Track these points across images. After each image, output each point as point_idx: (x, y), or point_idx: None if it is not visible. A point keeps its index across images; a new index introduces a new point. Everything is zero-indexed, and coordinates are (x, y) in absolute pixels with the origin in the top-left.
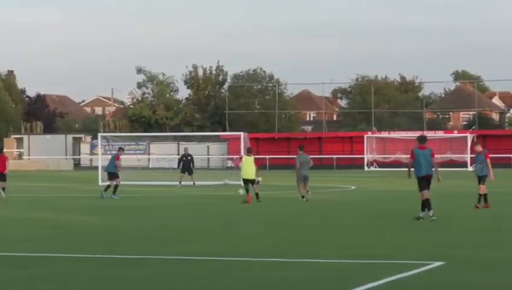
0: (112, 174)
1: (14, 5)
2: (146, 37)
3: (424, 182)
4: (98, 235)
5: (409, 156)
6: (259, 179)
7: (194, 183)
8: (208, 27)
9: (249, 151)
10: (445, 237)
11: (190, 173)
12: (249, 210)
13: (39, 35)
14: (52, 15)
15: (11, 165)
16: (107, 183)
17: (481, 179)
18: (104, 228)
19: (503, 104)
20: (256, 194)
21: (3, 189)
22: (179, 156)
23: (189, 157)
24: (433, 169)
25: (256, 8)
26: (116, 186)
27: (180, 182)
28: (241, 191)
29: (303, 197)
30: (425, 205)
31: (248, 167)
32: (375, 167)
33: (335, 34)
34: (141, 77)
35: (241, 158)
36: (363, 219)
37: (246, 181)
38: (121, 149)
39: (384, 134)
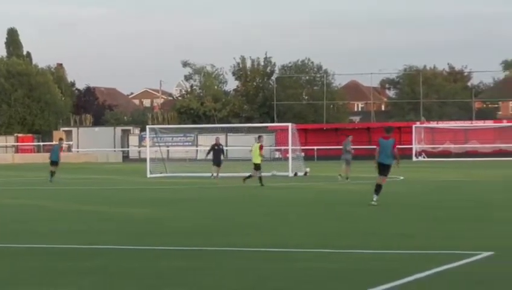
0: (54, 163)
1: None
2: (194, 28)
3: (381, 168)
4: (147, 227)
5: (458, 145)
6: (307, 169)
7: (217, 175)
8: (255, 18)
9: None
10: (495, 228)
11: (218, 164)
12: (294, 202)
13: (88, 28)
14: (101, 7)
15: (61, 157)
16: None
17: None
18: (154, 219)
19: None
20: (260, 178)
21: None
22: (210, 146)
23: (220, 147)
24: (395, 159)
25: (303, 0)
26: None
27: (212, 175)
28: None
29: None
30: (377, 189)
31: (254, 153)
32: (424, 157)
33: (383, 23)
34: (188, 70)
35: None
36: (410, 209)
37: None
38: (61, 139)
39: (433, 124)
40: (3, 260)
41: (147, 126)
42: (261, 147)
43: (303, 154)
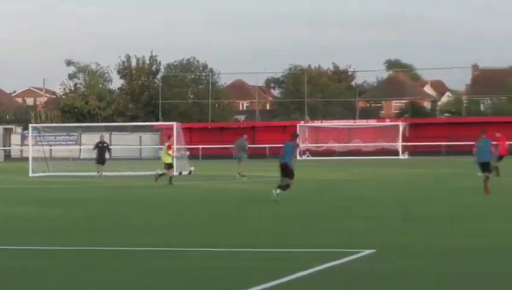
0: None
1: None
2: (78, 26)
3: (282, 169)
4: (26, 225)
5: (341, 144)
6: (192, 168)
7: (101, 174)
8: (141, 16)
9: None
10: (377, 225)
11: (103, 162)
12: (179, 201)
13: None
14: None
15: None
16: None
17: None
18: (34, 219)
19: (435, 93)
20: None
21: None
22: (94, 144)
23: (105, 145)
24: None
25: None
26: None
27: (98, 174)
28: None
29: None
30: (282, 186)
31: (163, 153)
32: (308, 156)
33: (268, 23)
34: (72, 69)
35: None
36: (296, 208)
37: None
38: None
39: (317, 123)
40: None
41: (30, 125)
42: (169, 147)
43: (188, 153)
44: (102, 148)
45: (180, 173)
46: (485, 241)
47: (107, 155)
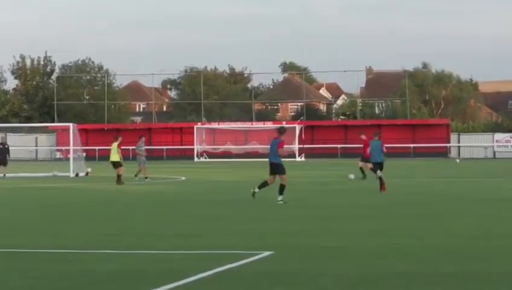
0: None
1: None
2: None
3: (271, 167)
4: None
5: (239, 146)
6: (89, 169)
7: (4, 175)
8: (35, 15)
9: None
10: (275, 226)
11: (5, 163)
12: (75, 202)
13: None
14: None
15: None
16: None
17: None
18: None
19: (330, 96)
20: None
21: None
22: None
23: (6, 146)
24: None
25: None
26: None
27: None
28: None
29: None
30: (260, 186)
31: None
32: (205, 158)
33: (165, 24)
34: None
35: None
36: (191, 209)
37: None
38: None
39: (214, 125)
40: None
41: None
42: (119, 146)
43: (84, 154)
44: (3, 149)
45: (77, 175)
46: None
47: (7, 156)
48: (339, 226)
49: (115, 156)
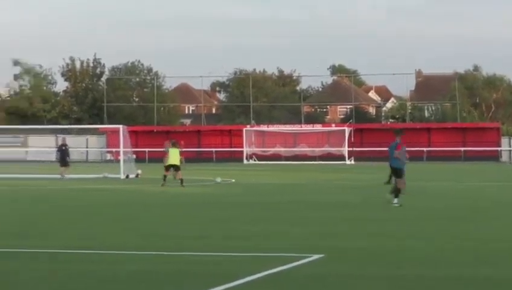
0: None
1: None
2: (23, 28)
3: (392, 171)
4: None
5: (288, 149)
6: (139, 171)
7: (63, 175)
8: (85, 19)
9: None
10: (325, 229)
11: (64, 164)
12: (123, 204)
13: None
14: None
15: None
16: None
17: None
18: None
19: (379, 98)
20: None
21: None
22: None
23: (67, 147)
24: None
25: (133, 1)
26: None
27: (62, 176)
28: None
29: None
30: (395, 192)
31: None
32: (254, 160)
33: (213, 27)
34: (18, 69)
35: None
36: (240, 212)
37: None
38: None
39: (263, 127)
40: None
41: None
42: (180, 153)
43: (134, 156)
44: (64, 150)
45: (127, 176)
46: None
47: (67, 158)
48: (391, 229)
49: (176, 160)
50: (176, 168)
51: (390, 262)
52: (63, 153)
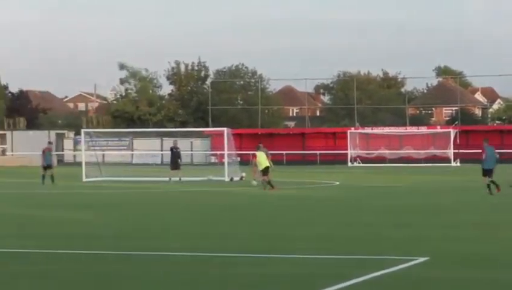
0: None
1: None
2: (128, 32)
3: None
4: (83, 230)
5: (392, 151)
6: (243, 174)
7: (170, 178)
8: (189, 23)
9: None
10: (430, 233)
11: (175, 167)
12: (230, 206)
13: (19, 33)
14: (31, 13)
15: None
16: None
17: None
18: (86, 223)
19: (486, 100)
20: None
21: None
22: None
23: (178, 150)
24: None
25: (237, 4)
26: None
27: (170, 179)
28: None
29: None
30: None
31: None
32: (359, 163)
33: (317, 30)
34: (124, 73)
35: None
36: (348, 214)
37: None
38: None
39: (367, 130)
40: None
41: (82, 130)
42: (268, 155)
43: (239, 159)
44: (175, 153)
45: (231, 179)
46: None
47: (179, 160)
48: (501, 234)
49: (265, 162)
50: (265, 170)
51: (496, 265)
52: (174, 156)
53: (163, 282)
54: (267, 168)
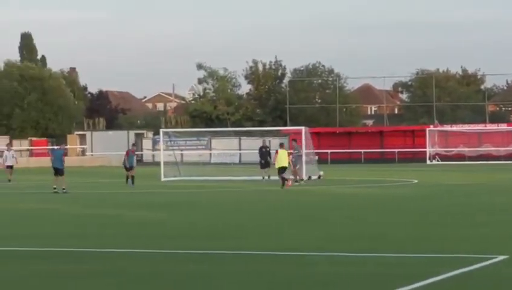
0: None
1: (67, 4)
2: (206, 32)
3: None
4: (159, 230)
5: (472, 149)
6: (321, 173)
7: (263, 178)
8: (266, 22)
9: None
10: (508, 231)
11: (264, 166)
12: (308, 205)
13: (97, 34)
14: (110, 14)
15: (75, 161)
16: None
17: None
18: (165, 222)
19: None
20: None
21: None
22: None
23: (268, 149)
24: None
25: (313, 2)
26: None
27: (263, 177)
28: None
29: None
30: None
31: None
32: (438, 161)
33: (395, 27)
34: (201, 73)
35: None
36: (427, 213)
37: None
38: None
39: (447, 127)
40: (12, 263)
41: (161, 130)
42: (289, 154)
43: (317, 157)
44: (265, 152)
45: (309, 178)
46: None
47: (268, 159)
48: None
49: (285, 162)
50: (282, 170)
51: None
52: (263, 155)
53: (244, 282)
54: (284, 168)
